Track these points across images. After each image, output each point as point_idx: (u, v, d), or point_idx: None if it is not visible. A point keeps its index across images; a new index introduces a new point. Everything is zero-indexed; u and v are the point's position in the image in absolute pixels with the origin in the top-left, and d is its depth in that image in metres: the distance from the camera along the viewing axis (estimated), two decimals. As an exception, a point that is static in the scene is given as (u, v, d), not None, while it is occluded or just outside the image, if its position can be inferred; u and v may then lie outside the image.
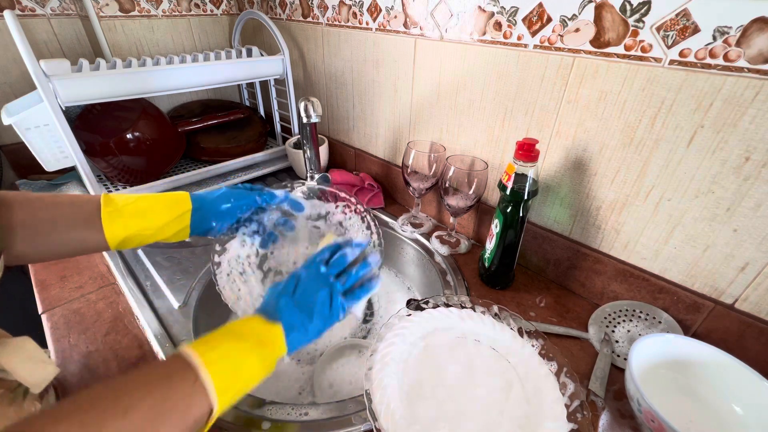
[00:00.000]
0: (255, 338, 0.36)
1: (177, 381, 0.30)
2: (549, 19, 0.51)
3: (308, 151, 0.71)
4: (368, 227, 0.57)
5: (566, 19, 0.50)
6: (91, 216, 0.41)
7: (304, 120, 0.65)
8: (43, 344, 0.53)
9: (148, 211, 0.44)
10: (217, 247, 0.53)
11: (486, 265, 0.64)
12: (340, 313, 0.42)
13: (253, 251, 0.54)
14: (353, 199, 0.59)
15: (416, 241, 0.76)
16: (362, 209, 0.58)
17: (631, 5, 0.44)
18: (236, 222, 0.50)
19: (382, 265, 0.50)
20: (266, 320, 0.38)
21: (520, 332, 0.50)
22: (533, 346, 0.48)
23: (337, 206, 0.60)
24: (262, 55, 0.93)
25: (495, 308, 0.53)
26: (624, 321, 0.56)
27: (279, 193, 0.52)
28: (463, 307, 0.54)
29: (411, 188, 0.73)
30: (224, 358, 0.33)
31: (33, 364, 0.41)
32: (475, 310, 0.53)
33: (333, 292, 0.41)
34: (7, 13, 0.59)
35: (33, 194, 0.41)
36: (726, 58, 0.40)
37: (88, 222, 0.41)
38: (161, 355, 0.51)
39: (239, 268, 0.53)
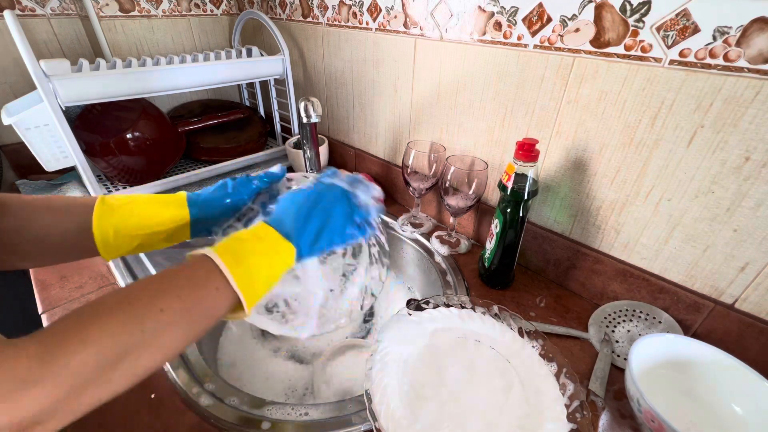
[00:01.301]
0: (273, 255, 0.36)
1: (203, 289, 0.32)
2: (549, 19, 0.51)
3: (308, 151, 0.71)
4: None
5: (566, 19, 0.50)
6: (85, 228, 0.39)
7: (304, 120, 0.65)
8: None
9: (141, 211, 0.41)
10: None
11: (486, 265, 0.64)
12: (351, 239, 0.42)
13: None
14: None
15: (416, 241, 0.76)
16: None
17: (631, 5, 0.44)
18: (239, 214, 0.46)
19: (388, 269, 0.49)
20: (281, 234, 0.37)
21: (521, 332, 0.50)
22: (533, 346, 0.48)
23: None
24: (262, 55, 0.93)
25: (495, 308, 0.53)
26: (624, 321, 0.56)
27: (275, 169, 0.49)
28: (463, 308, 0.54)
29: (411, 188, 0.73)
30: (247, 272, 0.34)
31: None
32: (475, 311, 0.53)
33: (352, 216, 0.41)
34: (7, 13, 0.59)
35: (26, 197, 0.40)
36: (726, 58, 0.40)
37: (81, 234, 0.39)
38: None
39: None
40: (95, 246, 0.40)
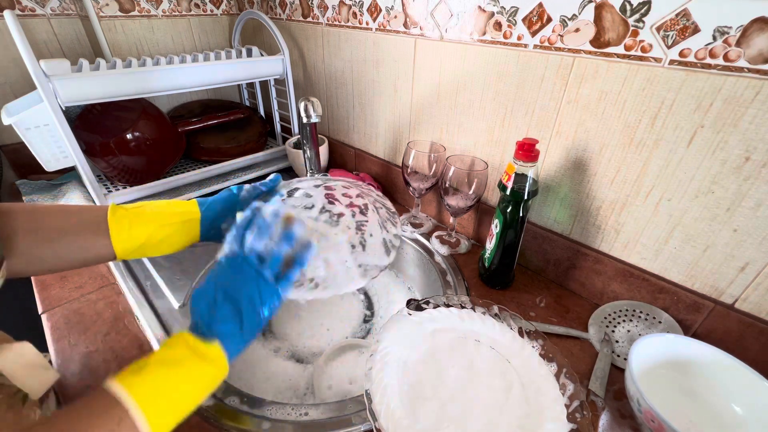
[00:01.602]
0: (189, 360, 0.33)
1: (101, 421, 0.28)
2: (549, 19, 0.51)
3: (308, 151, 0.71)
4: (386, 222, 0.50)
5: (566, 19, 0.50)
6: (99, 223, 0.40)
7: (304, 120, 0.65)
8: (43, 344, 0.53)
9: (156, 216, 0.43)
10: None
11: (486, 265, 0.64)
12: (276, 303, 0.37)
13: None
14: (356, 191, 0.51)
15: (416, 241, 0.76)
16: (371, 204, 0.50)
17: (631, 5, 0.44)
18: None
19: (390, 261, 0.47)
20: (197, 337, 0.34)
21: (521, 332, 0.50)
22: (533, 346, 0.48)
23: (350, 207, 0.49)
24: (262, 55, 0.93)
25: (495, 308, 0.53)
26: (624, 321, 0.56)
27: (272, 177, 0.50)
28: (463, 307, 0.54)
29: (411, 188, 0.73)
30: (156, 388, 0.31)
31: (32, 370, 0.40)
32: (475, 311, 0.53)
33: (260, 283, 0.36)
34: (7, 13, 0.59)
35: (39, 204, 0.40)
36: (726, 58, 0.40)
37: (95, 229, 0.40)
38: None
39: None
40: (109, 242, 0.40)
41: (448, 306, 0.54)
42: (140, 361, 0.32)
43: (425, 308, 0.53)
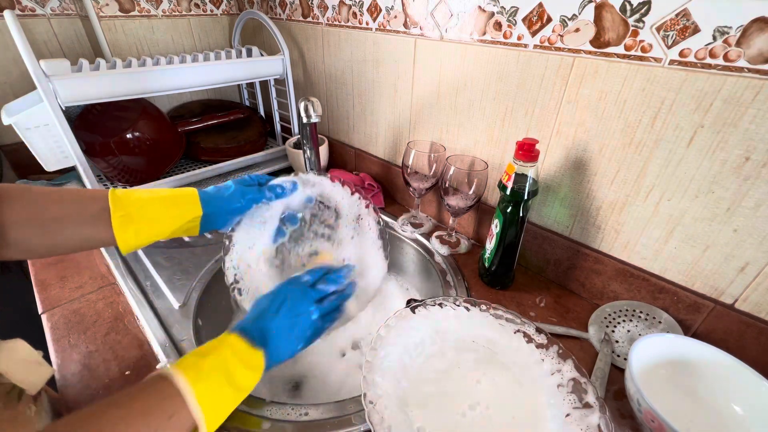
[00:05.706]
0: (239, 367, 0.36)
1: (157, 409, 0.31)
2: (549, 19, 0.51)
3: (308, 151, 0.71)
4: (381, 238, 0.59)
5: (566, 19, 0.50)
6: (99, 216, 0.41)
7: (304, 120, 0.65)
8: (43, 344, 0.53)
9: (160, 218, 0.44)
10: (227, 242, 0.53)
11: (486, 265, 0.64)
12: (317, 338, 0.45)
13: (263, 245, 0.53)
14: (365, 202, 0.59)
15: (416, 241, 0.76)
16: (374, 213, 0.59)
17: (631, 5, 0.44)
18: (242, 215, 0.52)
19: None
20: (249, 344, 0.38)
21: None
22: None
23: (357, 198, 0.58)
24: (262, 55, 0.93)
25: (495, 308, 0.53)
26: (624, 321, 0.56)
27: (287, 185, 0.53)
28: (463, 308, 0.53)
29: (411, 188, 0.73)
30: (213, 393, 0.34)
31: (28, 366, 0.41)
32: (475, 311, 0.53)
33: (313, 318, 0.43)
34: (7, 13, 0.59)
35: (36, 189, 0.40)
36: (726, 58, 0.40)
37: (95, 221, 0.41)
38: (161, 356, 0.51)
39: (247, 261, 0.53)
40: (111, 235, 0.42)
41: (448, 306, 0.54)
42: (190, 358, 0.35)
43: (425, 308, 0.53)
